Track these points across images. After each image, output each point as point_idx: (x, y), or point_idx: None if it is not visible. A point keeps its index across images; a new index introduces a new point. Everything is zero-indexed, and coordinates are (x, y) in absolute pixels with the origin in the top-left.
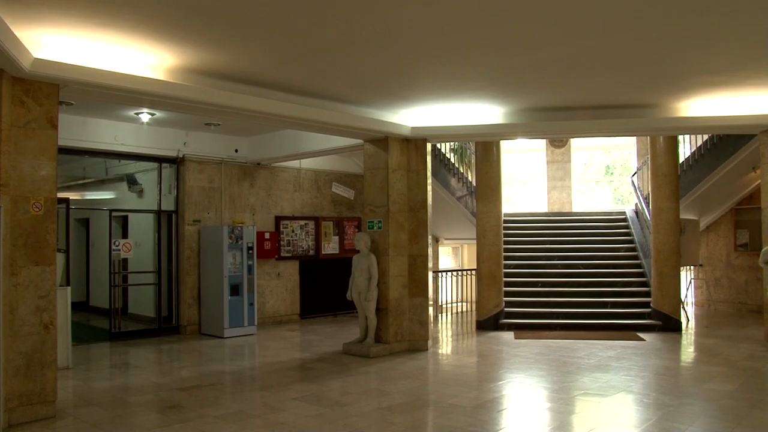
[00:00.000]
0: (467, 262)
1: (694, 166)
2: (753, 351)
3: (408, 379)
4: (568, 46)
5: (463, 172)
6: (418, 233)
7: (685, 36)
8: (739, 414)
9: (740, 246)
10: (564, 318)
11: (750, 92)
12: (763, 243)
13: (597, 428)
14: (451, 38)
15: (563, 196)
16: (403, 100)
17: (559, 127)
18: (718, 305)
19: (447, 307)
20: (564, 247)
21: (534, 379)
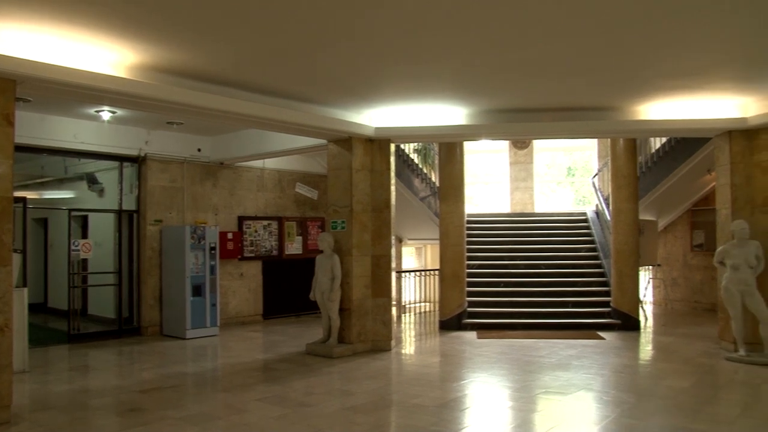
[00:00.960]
0: (430, 262)
1: (653, 168)
2: (707, 348)
3: (371, 379)
4: (531, 50)
5: (426, 173)
6: (381, 233)
7: (647, 41)
8: (694, 410)
9: (696, 246)
10: (526, 317)
11: (707, 97)
12: (718, 243)
13: (558, 426)
14: (415, 40)
15: (526, 196)
16: (368, 100)
17: (522, 128)
18: (675, 304)
19: (410, 308)
20: (526, 248)
21: (496, 378)
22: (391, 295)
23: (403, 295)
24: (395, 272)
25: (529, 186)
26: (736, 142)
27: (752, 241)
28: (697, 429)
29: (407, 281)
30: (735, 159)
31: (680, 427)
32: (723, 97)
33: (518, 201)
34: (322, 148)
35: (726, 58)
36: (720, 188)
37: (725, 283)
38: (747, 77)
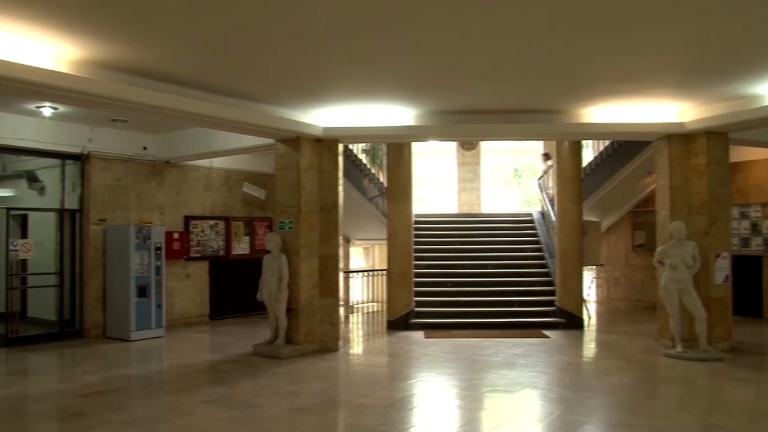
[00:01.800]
0: (378, 262)
1: (597, 170)
2: (647, 345)
3: (319, 379)
4: (479, 52)
5: (374, 173)
6: (329, 234)
7: (591, 46)
8: (634, 405)
9: (637, 246)
10: (473, 317)
11: (648, 102)
12: (658, 243)
13: (504, 423)
14: (363, 41)
15: (473, 197)
16: (316, 100)
17: (469, 129)
18: (617, 303)
19: (358, 308)
20: (473, 248)
21: (443, 377)
22: (338, 296)
23: (351, 295)
24: (343, 272)
25: (477, 187)
26: (674, 146)
27: (689, 242)
28: (637, 424)
29: (355, 281)
30: (673, 162)
31: (621, 422)
32: (663, 102)
33: (465, 202)
34: (270, 148)
35: (665, 64)
36: (659, 190)
37: (664, 282)
38: (685, 83)
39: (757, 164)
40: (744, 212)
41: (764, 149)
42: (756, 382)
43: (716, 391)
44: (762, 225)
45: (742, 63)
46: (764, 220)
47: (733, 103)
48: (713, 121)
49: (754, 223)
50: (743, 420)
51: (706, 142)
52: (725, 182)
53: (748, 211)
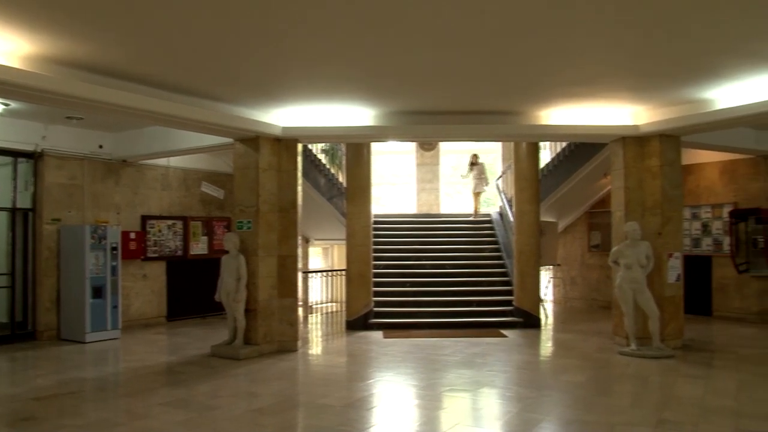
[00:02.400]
0: (337, 262)
1: (554, 171)
2: (602, 344)
3: (278, 380)
4: (438, 54)
5: (333, 173)
6: (288, 234)
7: (548, 50)
8: (589, 402)
9: (593, 246)
10: (432, 317)
11: (603, 104)
12: (613, 243)
13: (462, 422)
14: (322, 41)
15: (432, 197)
16: (275, 99)
17: (428, 130)
18: (574, 302)
19: (317, 308)
20: (432, 248)
21: (402, 377)
22: (297, 296)
23: (310, 295)
24: (302, 272)
25: (435, 187)
26: (629, 148)
27: (643, 242)
28: (592, 420)
29: (314, 281)
30: (628, 164)
31: (576, 419)
32: (618, 106)
33: (424, 202)
34: (229, 147)
35: (619, 69)
36: (615, 191)
37: (619, 281)
38: (638, 87)
39: (707, 167)
40: (695, 213)
41: (714, 152)
42: (705, 378)
43: (668, 387)
44: (712, 226)
45: (692, 69)
46: (714, 221)
47: (685, 107)
48: (666, 124)
49: (704, 223)
50: (693, 415)
51: (660, 145)
52: (678, 184)
53: (699, 212)
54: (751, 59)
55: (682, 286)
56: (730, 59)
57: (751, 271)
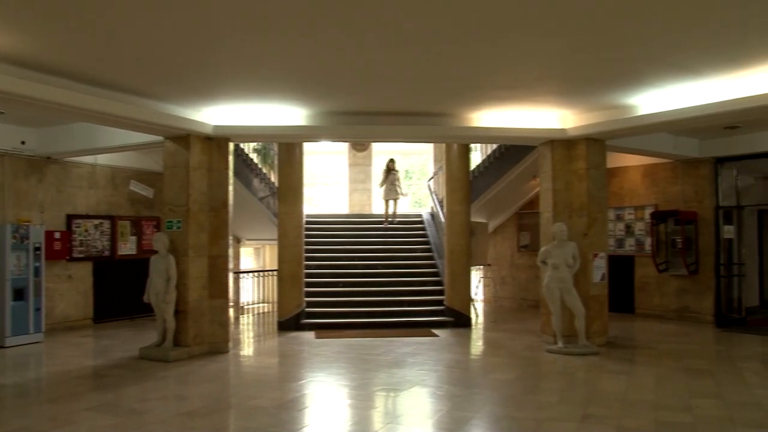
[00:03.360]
0: (269, 262)
1: (485, 173)
2: (531, 342)
3: (208, 382)
4: (371, 55)
5: (265, 173)
6: (219, 234)
7: (479, 54)
8: (518, 399)
9: (522, 247)
10: (364, 317)
11: (533, 108)
12: (541, 244)
13: (394, 421)
14: (254, 40)
15: (364, 198)
16: (206, 97)
17: (361, 130)
18: (504, 301)
19: (248, 308)
20: (364, 248)
21: (334, 377)
22: (228, 296)
23: (242, 296)
24: (233, 273)
25: (368, 188)
26: (557, 151)
27: (570, 242)
28: (520, 417)
29: (245, 282)
30: (556, 166)
31: (505, 416)
32: (547, 110)
33: (357, 202)
34: (159, 145)
35: (547, 74)
36: (543, 193)
37: (546, 281)
38: (566, 92)
39: (631, 170)
40: (619, 215)
41: (637, 156)
42: (628, 373)
43: (593, 383)
44: (635, 227)
45: (617, 76)
46: (637, 222)
47: (610, 113)
48: (592, 128)
49: (628, 224)
50: (616, 409)
51: (586, 149)
52: (603, 186)
53: (622, 213)
54: (672, 69)
55: (607, 285)
56: (653, 68)
57: (670, 270)
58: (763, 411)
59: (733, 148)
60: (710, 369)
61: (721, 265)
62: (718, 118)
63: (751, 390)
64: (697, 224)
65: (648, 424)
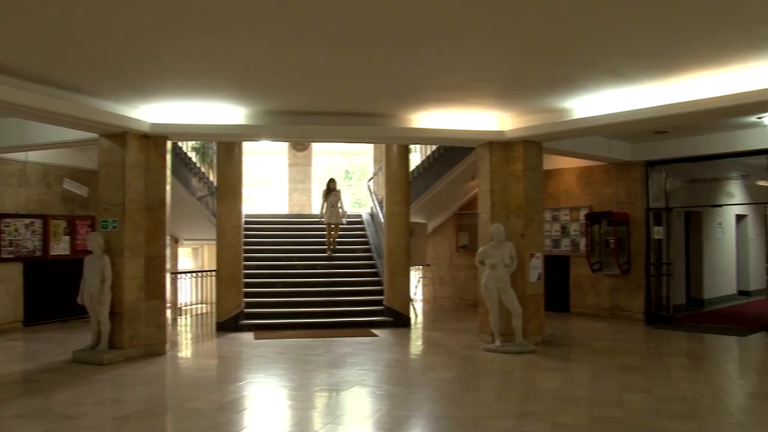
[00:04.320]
0: (208, 262)
1: (424, 174)
2: (469, 341)
3: (145, 385)
4: (310, 54)
5: (204, 172)
6: (155, 233)
7: (418, 56)
8: (457, 398)
9: (461, 247)
10: (303, 317)
11: (472, 110)
12: (479, 244)
13: (334, 421)
14: (193, 35)
15: (304, 198)
16: (143, 94)
17: (301, 130)
18: (443, 301)
19: (186, 310)
20: (304, 248)
21: (274, 378)
22: (165, 297)
23: (179, 296)
24: (170, 273)
25: (308, 188)
26: (495, 153)
27: (507, 243)
28: (459, 415)
29: (183, 282)
30: (494, 168)
31: (445, 414)
32: (485, 112)
33: (296, 202)
34: (94, 143)
35: (484, 77)
36: (481, 194)
37: (484, 280)
38: (504, 95)
39: (566, 172)
40: (555, 215)
41: (572, 159)
42: (563, 371)
43: (530, 381)
44: (570, 227)
45: (553, 80)
46: (572, 223)
47: (547, 116)
48: (529, 131)
49: (563, 225)
50: (552, 406)
51: (523, 151)
52: (539, 187)
53: (558, 214)
54: (606, 75)
55: (543, 285)
56: (588, 74)
57: (604, 269)
58: (688, 404)
59: (663, 152)
60: (640, 365)
61: (651, 265)
62: (649, 123)
63: (677, 384)
64: (629, 225)
65: (582, 419)
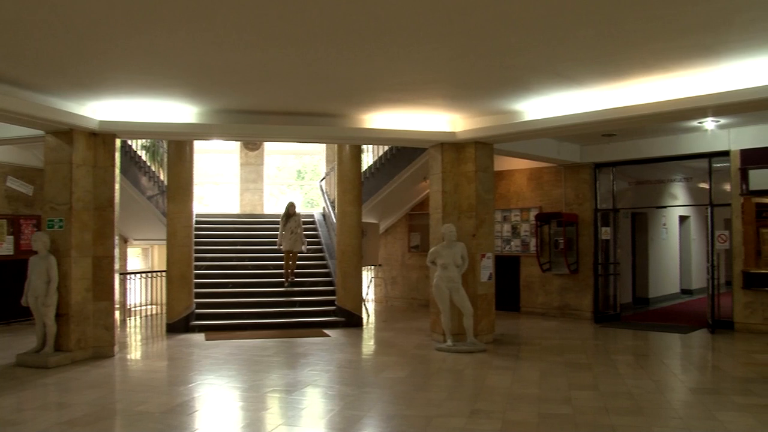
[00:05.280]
0: (158, 263)
1: (376, 174)
2: (421, 341)
3: (92, 388)
4: (261, 53)
5: (154, 171)
6: (104, 233)
7: (369, 56)
8: (409, 397)
9: (413, 247)
10: (255, 318)
11: (424, 111)
12: (431, 244)
13: (286, 422)
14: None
15: (256, 198)
16: (91, 91)
17: (253, 130)
18: (395, 301)
19: (136, 311)
20: (256, 248)
21: (225, 379)
22: (114, 299)
23: (129, 297)
24: (119, 274)
25: (260, 187)
26: (447, 154)
27: (459, 243)
28: (411, 414)
29: (133, 283)
30: (446, 169)
31: (397, 414)
32: (437, 113)
33: (248, 202)
34: (39, 140)
35: (436, 78)
36: (433, 194)
37: (436, 280)
38: (455, 96)
39: (517, 173)
40: (506, 216)
41: (523, 160)
42: (513, 369)
43: (481, 379)
44: (520, 228)
45: (503, 83)
46: (522, 223)
47: (498, 117)
48: (480, 132)
49: (514, 226)
50: (502, 403)
51: (475, 152)
52: (490, 188)
53: (509, 215)
54: (555, 78)
55: (494, 285)
56: (537, 77)
57: (553, 269)
58: (633, 400)
59: (610, 155)
60: (588, 362)
61: (599, 265)
62: (596, 125)
63: (624, 380)
64: (577, 226)
65: (532, 417)
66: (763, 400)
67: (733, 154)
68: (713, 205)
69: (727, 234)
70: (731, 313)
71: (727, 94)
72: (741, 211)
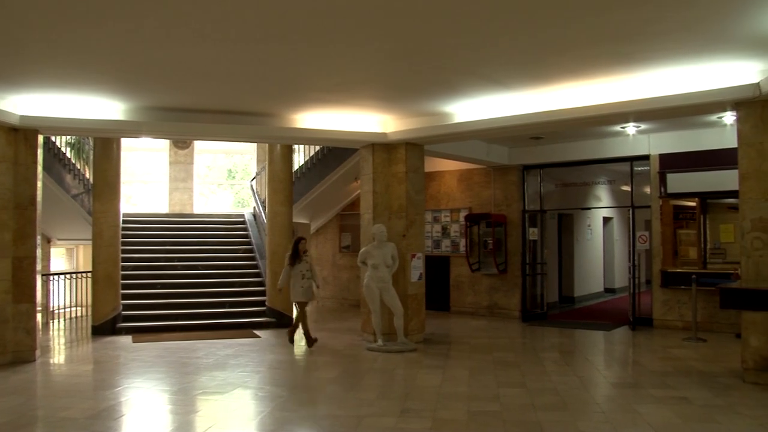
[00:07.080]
0: (83, 263)
1: (307, 174)
2: (352, 341)
3: (11, 395)
4: (191, 51)
5: (80, 169)
6: (25, 233)
7: (299, 56)
8: (340, 397)
9: (344, 248)
10: (184, 319)
11: (355, 111)
12: (362, 245)
13: (216, 424)
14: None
15: (185, 197)
16: (11, 83)
17: (182, 128)
18: (325, 301)
19: (59, 313)
20: (184, 249)
21: (153, 382)
22: (36, 301)
23: (52, 300)
24: (42, 275)
25: (189, 187)
26: (378, 155)
27: (389, 243)
28: (342, 414)
29: (56, 284)
30: (377, 169)
31: (328, 414)
32: (369, 113)
33: (177, 201)
34: None
35: (366, 79)
36: (364, 195)
37: (366, 281)
38: (386, 97)
39: (447, 174)
40: (436, 217)
41: (453, 161)
42: (443, 368)
43: (411, 378)
44: (450, 228)
45: (432, 85)
46: (452, 224)
47: (428, 119)
48: (411, 133)
49: (444, 226)
50: (432, 402)
51: (405, 152)
52: (421, 189)
53: (439, 216)
54: (482, 81)
55: (424, 285)
56: (465, 79)
57: (482, 269)
58: (559, 396)
59: (538, 157)
60: (516, 360)
61: (526, 265)
62: (523, 128)
63: (550, 377)
64: (506, 227)
65: (461, 414)
66: (678, 393)
67: (653, 158)
68: (634, 207)
69: (648, 235)
70: (650, 311)
71: (647, 101)
72: (660, 213)
